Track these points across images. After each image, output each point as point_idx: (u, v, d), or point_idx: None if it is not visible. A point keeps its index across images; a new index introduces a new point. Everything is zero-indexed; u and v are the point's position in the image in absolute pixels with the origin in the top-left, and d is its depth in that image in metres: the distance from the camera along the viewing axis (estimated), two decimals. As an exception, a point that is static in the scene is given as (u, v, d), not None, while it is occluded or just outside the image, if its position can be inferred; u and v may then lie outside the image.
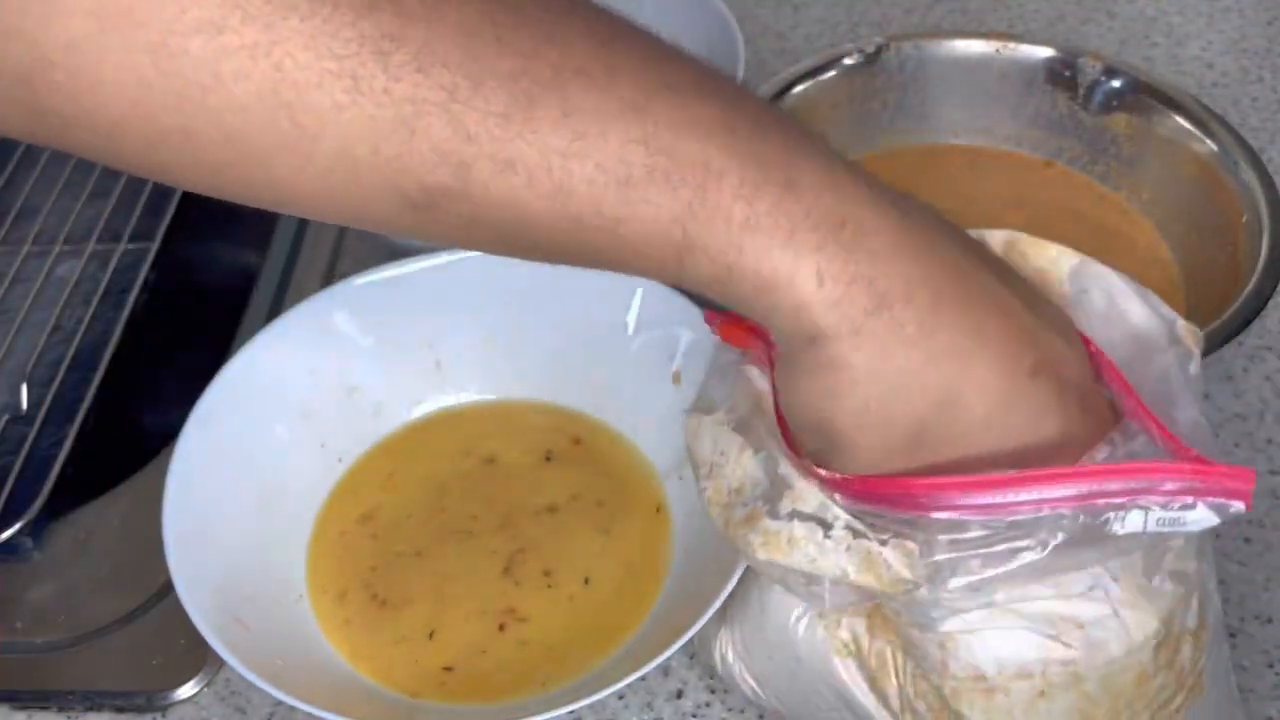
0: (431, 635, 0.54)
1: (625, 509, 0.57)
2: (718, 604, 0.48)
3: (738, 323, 0.43)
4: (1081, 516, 0.36)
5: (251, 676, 0.48)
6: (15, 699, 0.55)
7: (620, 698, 0.53)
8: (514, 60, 0.33)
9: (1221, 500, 0.36)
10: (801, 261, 0.34)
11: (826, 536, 0.39)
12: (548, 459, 0.60)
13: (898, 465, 0.37)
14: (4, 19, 0.31)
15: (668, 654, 0.48)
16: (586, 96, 0.33)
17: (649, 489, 0.58)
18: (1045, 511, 0.36)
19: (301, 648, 0.53)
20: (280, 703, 0.50)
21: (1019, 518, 0.36)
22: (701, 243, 0.34)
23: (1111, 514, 0.36)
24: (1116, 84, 0.67)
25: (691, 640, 0.49)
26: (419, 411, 0.61)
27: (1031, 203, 0.68)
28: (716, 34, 0.73)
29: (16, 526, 0.59)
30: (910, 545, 0.37)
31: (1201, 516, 0.36)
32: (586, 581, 0.55)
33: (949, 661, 0.40)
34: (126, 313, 0.68)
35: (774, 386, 0.42)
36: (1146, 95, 0.67)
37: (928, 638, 0.40)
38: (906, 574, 0.38)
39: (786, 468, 0.41)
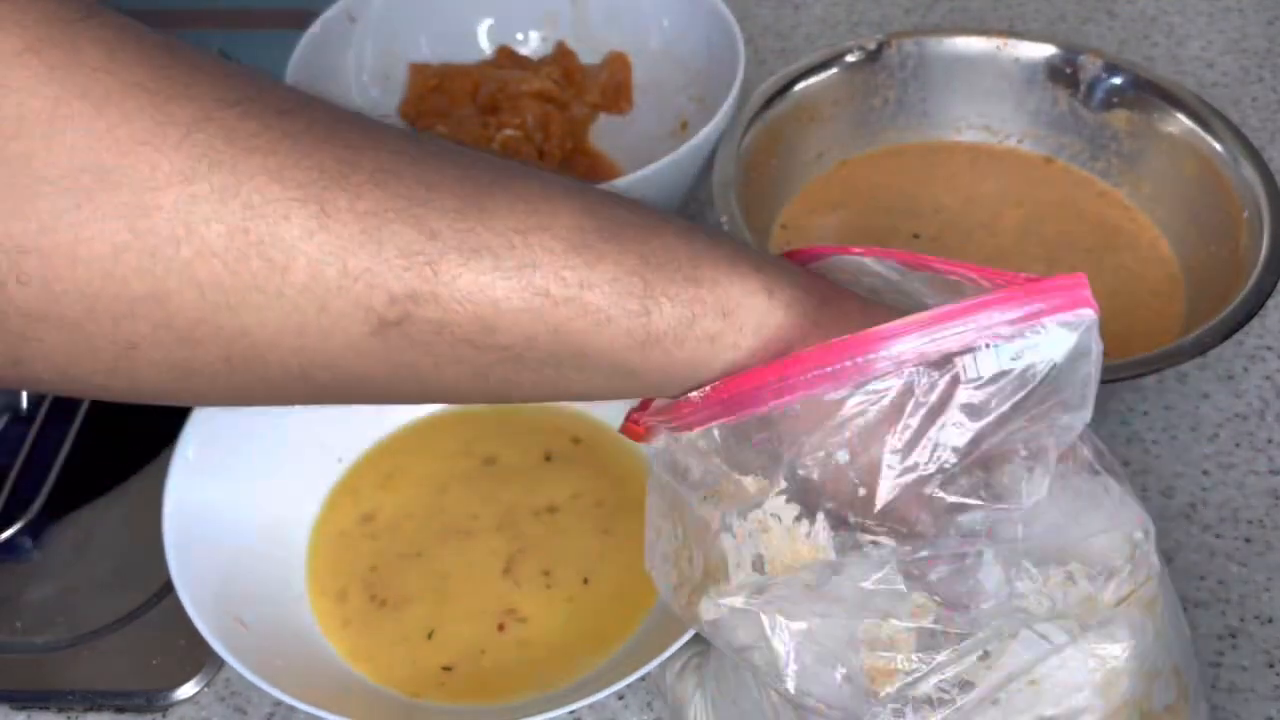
0: (431, 635, 0.54)
1: (625, 509, 0.57)
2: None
3: (634, 420, 0.43)
4: (929, 374, 0.35)
5: (251, 676, 0.48)
6: (15, 699, 0.55)
7: (620, 698, 0.53)
8: (456, 169, 0.36)
9: (1069, 314, 0.36)
10: (749, 282, 0.37)
11: (732, 535, 0.38)
12: (548, 459, 0.60)
13: None
14: None
15: (667, 654, 0.48)
16: (529, 186, 0.36)
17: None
18: (890, 369, 0.35)
19: (301, 648, 0.53)
20: (280, 703, 0.50)
21: (866, 385, 0.36)
22: (661, 287, 0.36)
23: (960, 361, 0.35)
24: (1117, 81, 0.67)
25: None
26: (419, 411, 0.61)
27: (1032, 200, 0.68)
28: (716, 34, 0.73)
29: (16, 526, 0.59)
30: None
31: (1056, 337, 0.35)
32: (586, 581, 0.55)
33: None
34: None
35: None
36: (1147, 92, 0.67)
37: None
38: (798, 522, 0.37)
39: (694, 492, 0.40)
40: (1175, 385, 0.63)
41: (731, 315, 0.37)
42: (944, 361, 0.35)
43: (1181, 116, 0.65)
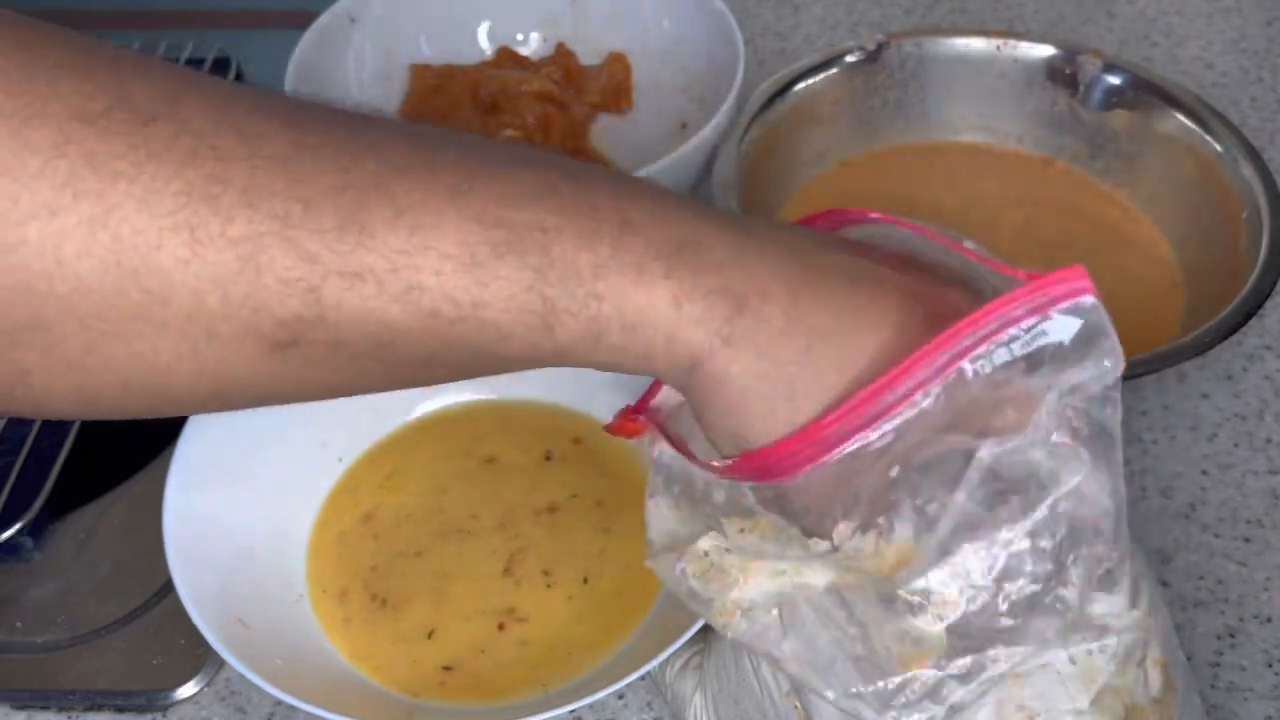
0: (431, 635, 0.54)
1: (625, 509, 0.57)
2: (717, 603, 0.47)
3: (623, 416, 0.43)
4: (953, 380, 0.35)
5: (252, 676, 0.48)
6: (15, 699, 0.55)
7: (620, 698, 0.53)
8: (335, 175, 0.33)
9: (1070, 303, 0.36)
10: (655, 292, 0.35)
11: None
12: (548, 459, 0.60)
13: None
14: None
15: (667, 654, 0.48)
16: (413, 192, 0.34)
17: (649, 488, 0.58)
18: (921, 396, 0.35)
19: (301, 647, 0.53)
20: (280, 702, 0.50)
21: (901, 415, 0.35)
22: (562, 304, 0.34)
23: (978, 364, 0.35)
24: (1117, 81, 0.67)
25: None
26: (419, 411, 0.61)
27: (1032, 200, 0.68)
28: (716, 34, 0.73)
29: (16, 526, 0.59)
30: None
31: (1062, 324, 0.36)
32: (586, 581, 0.55)
33: None
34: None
35: (672, 436, 0.41)
36: (1147, 92, 0.67)
37: None
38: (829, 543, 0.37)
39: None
40: (1174, 385, 0.63)
41: (637, 330, 0.35)
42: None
43: (1181, 117, 0.65)
